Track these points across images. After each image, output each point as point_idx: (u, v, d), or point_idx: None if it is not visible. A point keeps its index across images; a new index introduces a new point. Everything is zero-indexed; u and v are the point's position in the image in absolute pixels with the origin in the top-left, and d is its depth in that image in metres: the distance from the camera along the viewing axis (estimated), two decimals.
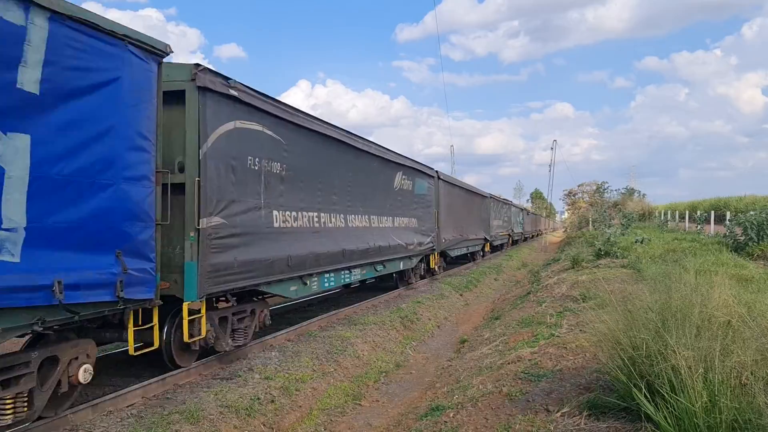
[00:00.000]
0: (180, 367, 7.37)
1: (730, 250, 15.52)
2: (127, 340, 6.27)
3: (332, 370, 8.72)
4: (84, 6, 5.55)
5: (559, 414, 4.84)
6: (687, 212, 33.83)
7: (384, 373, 9.42)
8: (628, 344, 4.27)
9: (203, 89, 7.03)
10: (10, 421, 5.03)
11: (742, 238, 16.31)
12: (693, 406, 3.36)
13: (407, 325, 12.53)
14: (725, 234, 18.22)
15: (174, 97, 6.93)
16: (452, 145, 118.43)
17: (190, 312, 7.03)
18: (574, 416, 4.66)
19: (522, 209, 52.41)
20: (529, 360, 7.09)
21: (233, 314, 8.21)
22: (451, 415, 6.05)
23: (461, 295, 18.39)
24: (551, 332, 8.37)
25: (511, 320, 11.15)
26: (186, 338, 6.98)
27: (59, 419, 5.62)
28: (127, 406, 6.32)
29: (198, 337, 7.20)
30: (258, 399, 6.86)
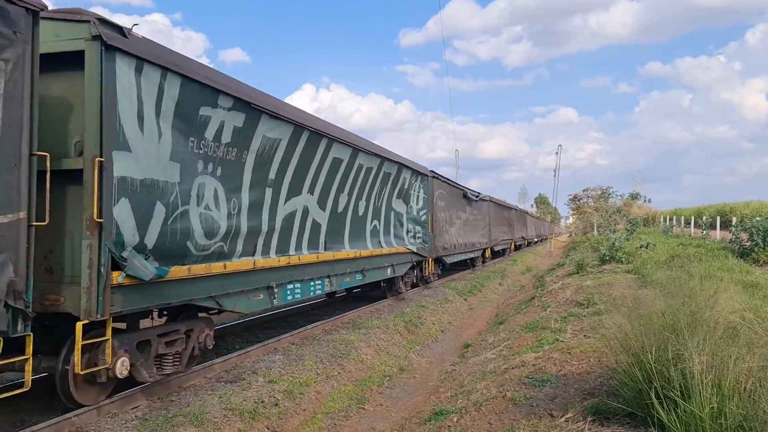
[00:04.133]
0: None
1: (736, 256, 15.47)
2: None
3: (336, 373, 8.71)
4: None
5: (563, 419, 4.83)
6: (692, 218, 33.71)
7: (388, 377, 9.41)
8: (639, 349, 4.25)
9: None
10: None
11: (748, 243, 16.26)
12: (700, 412, 3.35)
13: (411, 330, 12.52)
14: (731, 240, 18.17)
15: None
16: (457, 150, 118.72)
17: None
18: (578, 421, 4.64)
19: (456, 187, 23.33)
20: (533, 365, 7.08)
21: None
22: (455, 419, 6.04)
23: (465, 299, 18.37)
24: (556, 337, 8.36)
25: (516, 325, 11.13)
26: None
27: (65, 421, 5.62)
28: (132, 409, 6.33)
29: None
30: (262, 402, 6.86)
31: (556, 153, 67.94)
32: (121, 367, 5.95)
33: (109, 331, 5.78)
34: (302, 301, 11.84)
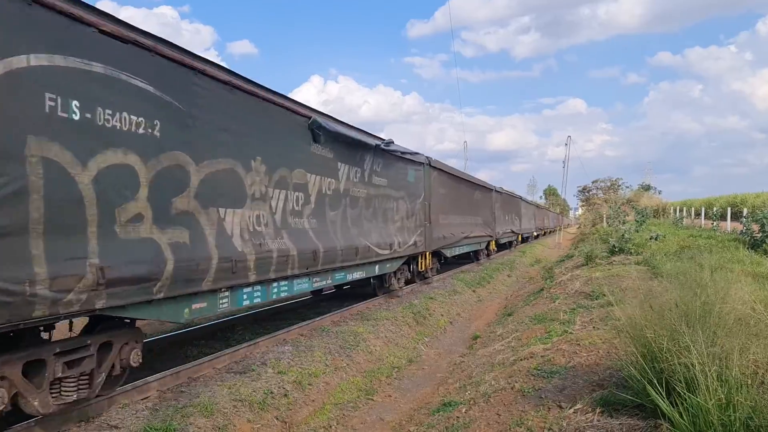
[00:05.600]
0: None
1: (747, 247, 15.35)
2: None
3: (345, 365, 8.75)
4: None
5: (571, 410, 4.82)
6: (703, 209, 33.46)
7: (396, 369, 9.44)
8: (653, 337, 4.24)
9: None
10: None
11: (759, 235, 16.13)
12: (707, 403, 3.34)
13: (420, 321, 12.54)
14: (742, 231, 18.03)
15: None
16: (465, 141, 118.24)
17: None
18: (587, 413, 4.64)
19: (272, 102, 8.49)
20: (541, 356, 7.07)
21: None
22: (464, 410, 6.06)
23: (474, 291, 18.37)
24: (564, 329, 8.34)
25: (524, 316, 11.11)
26: None
27: (78, 410, 5.68)
28: (142, 399, 6.39)
29: None
30: (271, 393, 6.90)
31: (566, 144, 67.48)
32: None
33: None
34: None
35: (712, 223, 26.05)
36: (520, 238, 38.49)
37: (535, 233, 49.06)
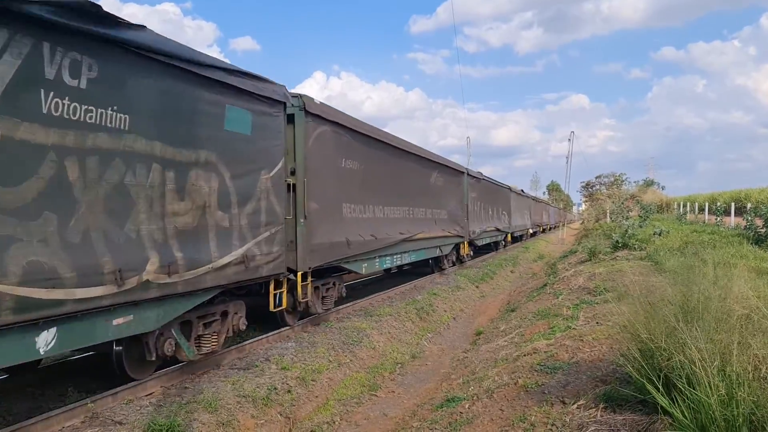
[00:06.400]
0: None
1: (751, 243, 15.29)
2: None
3: (348, 360, 8.77)
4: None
5: (575, 406, 4.83)
6: (706, 204, 33.38)
7: (399, 365, 9.45)
8: (648, 337, 4.24)
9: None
10: None
11: (763, 230, 16.08)
12: (708, 399, 3.34)
13: (423, 317, 12.55)
14: (745, 226, 17.98)
15: None
16: (468, 137, 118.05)
17: None
18: (590, 408, 4.64)
19: None
20: (545, 352, 7.07)
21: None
22: (467, 406, 6.07)
23: (477, 287, 18.37)
24: (568, 324, 8.34)
25: (528, 312, 11.12)
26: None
27: (81, 407, 5.71)
28: (147, 395, 6.42)
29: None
30: (275, 389, 6.92)
31: (569, 140, 67.24)
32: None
33: None
34: None
35: (716, 219, 26.00)
36: (509, 238, 31.88)
37: (531, 231, 42.38)
